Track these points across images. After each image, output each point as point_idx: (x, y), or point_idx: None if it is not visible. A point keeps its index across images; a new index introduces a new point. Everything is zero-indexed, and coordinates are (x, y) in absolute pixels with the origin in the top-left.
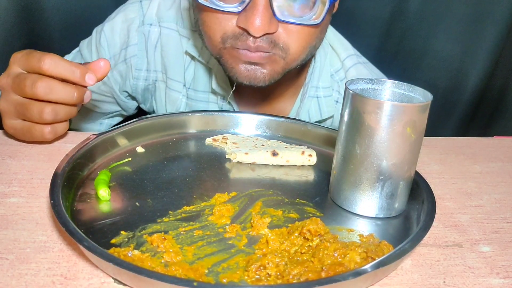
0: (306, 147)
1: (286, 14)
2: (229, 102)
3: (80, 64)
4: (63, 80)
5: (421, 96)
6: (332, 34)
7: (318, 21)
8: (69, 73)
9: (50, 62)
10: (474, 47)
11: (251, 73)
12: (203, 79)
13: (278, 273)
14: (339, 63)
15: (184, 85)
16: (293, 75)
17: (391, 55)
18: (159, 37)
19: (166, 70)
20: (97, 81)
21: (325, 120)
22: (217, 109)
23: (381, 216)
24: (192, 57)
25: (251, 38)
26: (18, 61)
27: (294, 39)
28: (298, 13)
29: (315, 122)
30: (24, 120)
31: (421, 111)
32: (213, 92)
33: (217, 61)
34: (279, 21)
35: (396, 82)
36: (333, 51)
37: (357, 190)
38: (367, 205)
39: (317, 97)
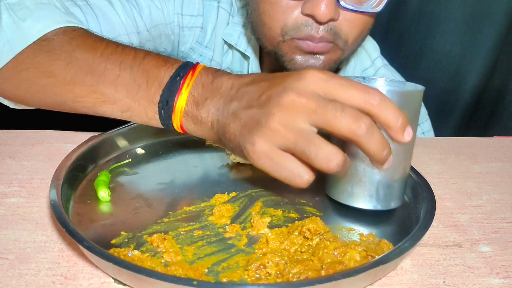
0: None
1: (348, 1)
2: None
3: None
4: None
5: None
6: None
7: (378, 9)
8: (394, 119)
9: (380, 99)
10: (472, 47)
11: (310, 63)
12: (238, 67)
13: (278, 272)
14: (369, 62)
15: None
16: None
17: (389, 55)
18: (217, 16)
19: (214, 51)
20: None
21: None
22: None
23: (379, 208)
24: (230, 45)
25: (315, 27)
26: (321, 82)
27: (353, 28)
28: (359, 1)
29: None
30: (290, 152)
31: (414, 98)
32: None
33: (271, 53)
34: (342, 8)
35: (388, 79)
36: (364, 49)
37: (353, 183)
38: (365, 198)
39: None
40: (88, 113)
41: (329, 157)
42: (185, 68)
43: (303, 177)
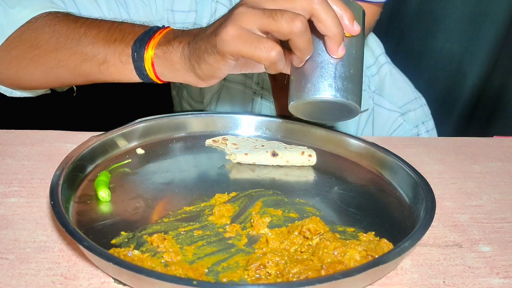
0: (306, 147)
1: None
2: (262, 88)
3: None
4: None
5: None
6: None
7: None
8: (342, 8)
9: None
10: (473, 47)
11: None
12: None
13: (278, 272)
14: (373, 59)
15: None
16: None
17: (389, 55)
18: (214, 12)
19: None
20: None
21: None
22: (252, 94)
23: (339, 97)
24: None
25: None
26: None
27: None
28: None
29: None
30: (261, 27)
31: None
32: (250, 75)
33: None
34: None
35: None
36: (367, 46)
37: (313, 75)
38: (324, 86)
39: None
40: (72, 79)
41: (293, 16)
42: (159, 27)
43: (272, 48)
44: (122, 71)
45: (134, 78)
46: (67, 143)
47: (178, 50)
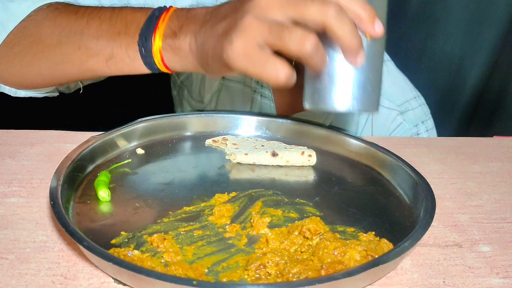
0: (306, 147)
1: None
2: (262, 86)
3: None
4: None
5: None
6: None
7: None
8: (362, 9)
9: None
10: (473, 47)
11: None
12: None
13: (278, 272)
14: None
15: None
16: None
17: (389, 56)
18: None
19: None
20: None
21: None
22: (252, 92)
23: (356, 108)
24: None
25: None
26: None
27: None
28: None
29: None
30: (267, 45)
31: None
32: None
33: None
34: None
35: None
36: None
37: (330, 84)
38: (341, 98)
39: None
40: (80, 75)
41: (303, 37)
42: (160, 9)
43: (280, 69)
44: (131, 65)
45: (145, 71)
46: (67, 143)
47: (185, 44)
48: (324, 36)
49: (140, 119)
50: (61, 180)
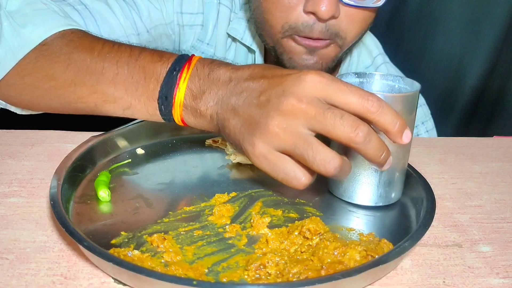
0: None
1: None
2: None
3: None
4: None
5: (409, 86)
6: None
7: (380, 3)
8: (392, 124)
9: (378, 105)
10: (473, 47)
11: (309, 63)
12: (243, 62)
13: (278, 272)
14: (370, 59)
15: None
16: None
17: (389, 55)
18: (218, 14)
19: (216, 48)
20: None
21: None
22: None
23: (380, 204)
24: (234, 39)
25: (315, 25)
26: (320, 86)
27: (353, 24)
28: None
29: None
30: (288, 155)
31: (411, 100)
32: None
33: (271, 49)
34: (344, 4)
35: (383, 74)
36: (365, 47)
37: (355, 181)
38: (366, 195)
39: None
40: (94, 114)
41: (327, 160)
42: (181, 61)
43: (300, 179)
44: (148, 117)
45: (162, 121)
46: (67, 143)
47: (206, 113)
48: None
49: (140, 119)
50: (61, 180)
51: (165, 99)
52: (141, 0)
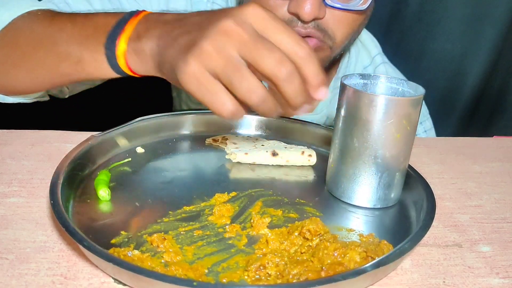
0: (306, 147)
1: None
2: None
3: None
4: None
5: (413, 90)
6: (363, 31)
7: (364, 6)
8: (313, 75)
9: (307, 53)
10: (473, 47)
11: None
12: None
13: (278, 273)
14: (369, 59)
15: None
16: (326, 68)
17: (389, 56)
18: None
19: None
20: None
21: None
22: None
23: (379, 206)
24: None
25: (300, 25)
26: (259, 18)
27: (341, 26)
28: None
29: None
30: (217, 79)
31: (415, 104)
32: None
33: None
34: (327, 6)
35: (388, 76)
36: (364, 47)
37: (355, 183)
38: (366, 197)
39: None
40: (55, 81)
41: (252, 88)
42: (132, 13)
43: (226, 104)
44: (99, 69)
45: (113, 74)
46: (67, 143)
47: (147, 47)
48: (355, 148)
49: (140, 118)
50: (61, 180)
51: (111, 43)
52: None
